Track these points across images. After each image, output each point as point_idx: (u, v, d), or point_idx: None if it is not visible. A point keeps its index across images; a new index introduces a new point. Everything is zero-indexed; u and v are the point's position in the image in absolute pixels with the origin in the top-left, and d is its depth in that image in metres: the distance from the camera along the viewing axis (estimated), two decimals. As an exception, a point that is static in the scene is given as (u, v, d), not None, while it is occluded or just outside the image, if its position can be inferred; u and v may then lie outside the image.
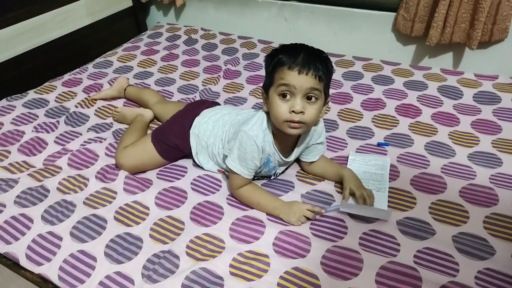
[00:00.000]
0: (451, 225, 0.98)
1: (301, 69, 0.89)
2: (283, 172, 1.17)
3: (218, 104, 1.35)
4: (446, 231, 0.96)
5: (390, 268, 0.87)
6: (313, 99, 0.93)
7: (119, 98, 1.59)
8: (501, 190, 1.07)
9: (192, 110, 1.26)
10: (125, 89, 1.58)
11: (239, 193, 1.05)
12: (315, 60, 0.91)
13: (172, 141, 1.19)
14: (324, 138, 1.13)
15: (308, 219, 1.00)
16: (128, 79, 1.66)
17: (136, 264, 0.92)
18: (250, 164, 1.02)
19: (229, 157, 1.04)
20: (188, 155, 1.22)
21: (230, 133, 1.11)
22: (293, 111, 0.92)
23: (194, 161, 1.22)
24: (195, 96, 1.58)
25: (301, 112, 0.92)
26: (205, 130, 1.17)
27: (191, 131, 1.19)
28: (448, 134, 1.30)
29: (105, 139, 1.33)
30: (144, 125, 1.36)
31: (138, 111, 1.43)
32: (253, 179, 1.09)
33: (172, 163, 1.22)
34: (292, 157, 1.10)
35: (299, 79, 0.90)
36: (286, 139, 1.05)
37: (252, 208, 1.05)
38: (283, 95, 0.93)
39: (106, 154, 1.26)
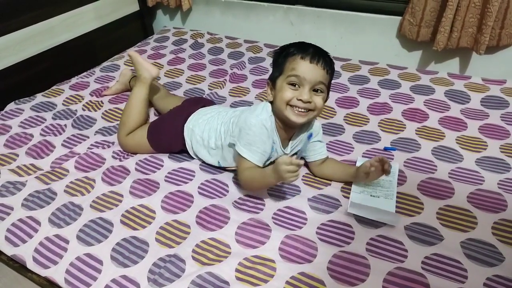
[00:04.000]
0: (459, 231, 0.97)
1: (312, 59, 0.98)
2: None
3: (215, 104, 1.38)
4: (454, 237, 0.95)
5: (397, 274, 0.87)
6: (319, 92, 1.01)
7: (127, 91, 1.61)
8: (510, 196, 1.06)
9: (187, 108, 1.28)
10: (129, 81, 1.60)
11: (243, 177, 1.05)
12: (323, 55, 1.01)
13: (165, 140, 1.25)
14: (321, 137, 1.17)
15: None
16: (131, 69, 1.64)
17: (142, 268, 0.92)
18: (260, 148, 1.03)
19: (238, 144, 1.05)
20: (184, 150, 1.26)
21: (230, 123, 1.11)
22: (300, 100, 0.98)
23: (200, 163, 1.23)
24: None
25: (308, 102, 0.98)
26: (199, 125, 1.19)
27: (185, 125, 1.22)
28: (456, 139, 1.29)
29: (112, 143, 1.34)
30: (145, 92, 1.35)
31: (144, 66, 1.37)
32: None
33: (180, 167, 1.23)
34: (288, 149, 1.13)
35: (310, 69, 0.97)
36: (285, 131, 1.09)
37: (258, 211, 1.05)
38: (293, 84, 0.99)
39: (113, 157, 1.27)
